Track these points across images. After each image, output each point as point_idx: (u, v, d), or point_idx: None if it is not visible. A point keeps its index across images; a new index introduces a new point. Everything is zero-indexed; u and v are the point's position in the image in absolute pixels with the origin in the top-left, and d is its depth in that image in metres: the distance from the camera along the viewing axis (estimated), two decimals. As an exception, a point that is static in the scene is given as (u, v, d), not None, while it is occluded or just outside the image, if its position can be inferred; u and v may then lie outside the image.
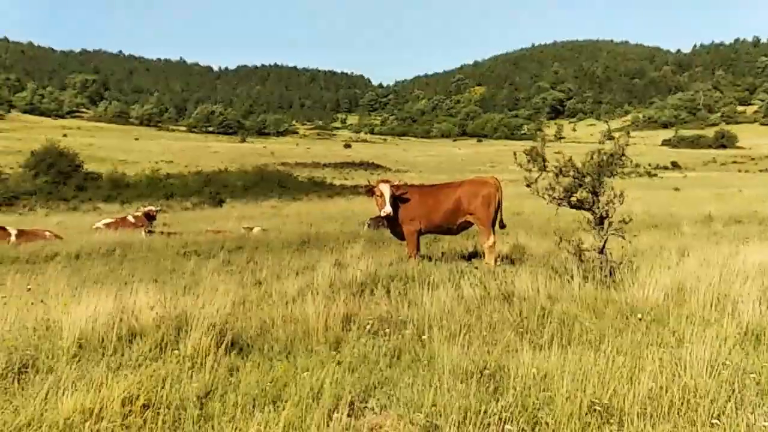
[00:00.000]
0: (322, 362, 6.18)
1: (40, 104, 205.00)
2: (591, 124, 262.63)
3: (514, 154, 11.52)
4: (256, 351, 6.70)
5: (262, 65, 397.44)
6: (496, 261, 13.30)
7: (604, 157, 10.91)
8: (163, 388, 5.49)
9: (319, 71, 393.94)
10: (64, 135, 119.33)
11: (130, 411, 5.15)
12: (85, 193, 53.61)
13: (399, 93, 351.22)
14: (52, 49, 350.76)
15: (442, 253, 14.87)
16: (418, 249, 14.03)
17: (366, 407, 5.32)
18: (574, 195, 11.04)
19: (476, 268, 11.25)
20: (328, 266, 11.30)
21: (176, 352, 6.35)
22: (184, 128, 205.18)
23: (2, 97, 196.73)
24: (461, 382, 5.65)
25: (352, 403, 5.30)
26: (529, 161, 11.13)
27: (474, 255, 14.70)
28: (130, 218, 27.23)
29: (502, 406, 5.12)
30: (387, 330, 7.33)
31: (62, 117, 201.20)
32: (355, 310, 8.22)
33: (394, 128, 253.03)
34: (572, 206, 11.15)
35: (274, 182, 63.72)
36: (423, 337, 7.03)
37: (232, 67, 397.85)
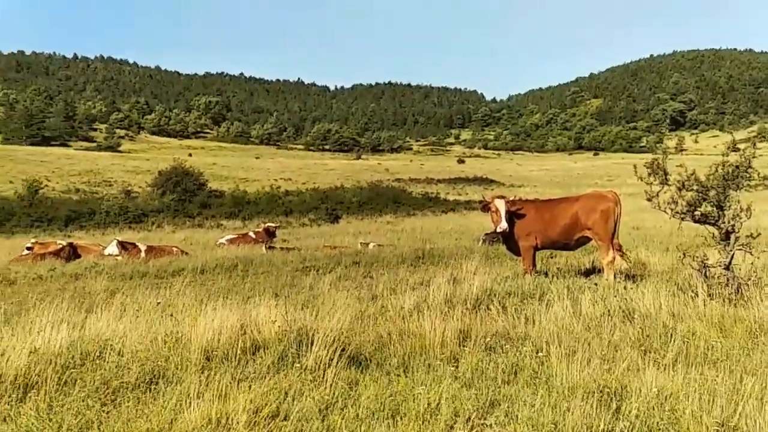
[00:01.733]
0: (439, 377, 6.20)
1: (167, 126, 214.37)
2: (714, 136, 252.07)
3: (634, 167, 11.24)
4: (374, 365, 6.79)
5: (377, 83, 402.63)
6: (615, 277, 12.96)
7: (729, 170, 10.47)
8: (285, 399, 5.65)
9: (433, 87, 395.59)
10: (189, 155, 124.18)
11: (254, 422, 5.32)
12: (208, 210, 55.57)
13: (512, 107, 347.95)
14: (178, 73, 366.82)
15: (559, 269, 14.62)
16: (534, 265, 13.84)
17: (484, 424, 5.30)
18: (698, 209, 10.65)
19: (595, 284, 11.02)
20: (443, 281, 11.31)
21: (297, 365, 6.51)
22: (301, 146, 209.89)
23: (132, 120, 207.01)
24: (581, 401, 5.55)
25: (470, 419, 5.30)
26: (649, 174, 10.83)
27: (592, 271, 14.38)
28: (252, 234, 28.08)
29: (624, 426, 5.01)
30: (504, 346, 7.29)
31: (187, 137, 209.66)
32: (472, 325, 8.19)
33: (508, 143, 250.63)
34: (696, 221, 10.76)
35: (388, 198, 64.24)
36: (541, 353, 6.95)
37: (347, 86, 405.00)
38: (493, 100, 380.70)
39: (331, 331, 7.10)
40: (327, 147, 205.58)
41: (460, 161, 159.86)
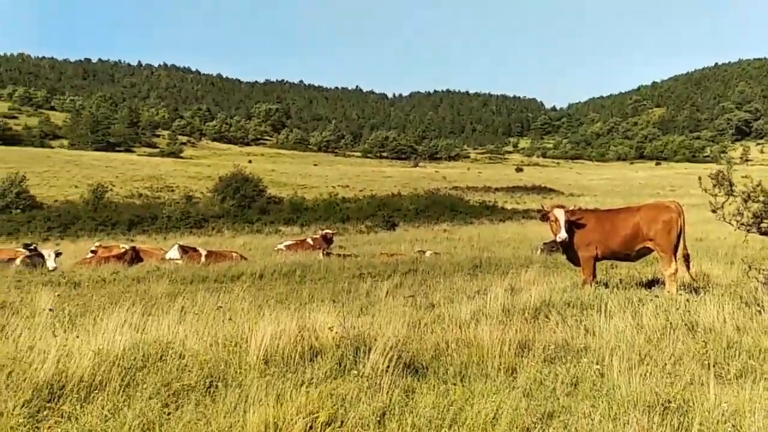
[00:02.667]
0: (497, 387, 6.15)
1: (228, 132, 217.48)
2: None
3: (699, 178, 11.02)
4: (431, 374, 6.77)
5: (435, 91, 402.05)
6: (677, 290, 12.68)
7: (799, 181, 10.19)
8: (342, 406, 5.67)
9: (491, 95, 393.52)
10: (249, 161, 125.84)
11: (311, 427, 5.35)
12: (267, 216, 56.22)
13: (572, 115, 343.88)
14: (239, 80, 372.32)
15: (620, 280, 14.38)
16: (594, 275, 13.63)
17: (543, 435, 5.24)
18: (765, 221, 10.38)
19: (656, 296, 10.81)
20: (500, 291, 11.23)
21: (354, 371, 6.52)
22: (359, 154, 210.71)
23: (194, 126, 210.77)
24: (642, 415, 5.45)
25: (528, 431, 5.24)
26: (714, 185, 10.61)
27: (653, 283, 14.10)
28: (309, 240, 28.33)
29: (687, 442, 4.89)
30: (563, 357, 7.20)
31: (247, 144, 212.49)
32: (530, 336, 8.12)
33: (568, 151, 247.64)
34: (762, 233, 10.50)
35: (445, 206, 64.12)
36: (601, 365, 6.84)
37: (405, 93, 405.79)
38: (553, 109, 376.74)
39: (388, 339, 7.10)
40: (385, 154, 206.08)
41: (519, 170, 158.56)
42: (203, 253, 23.23)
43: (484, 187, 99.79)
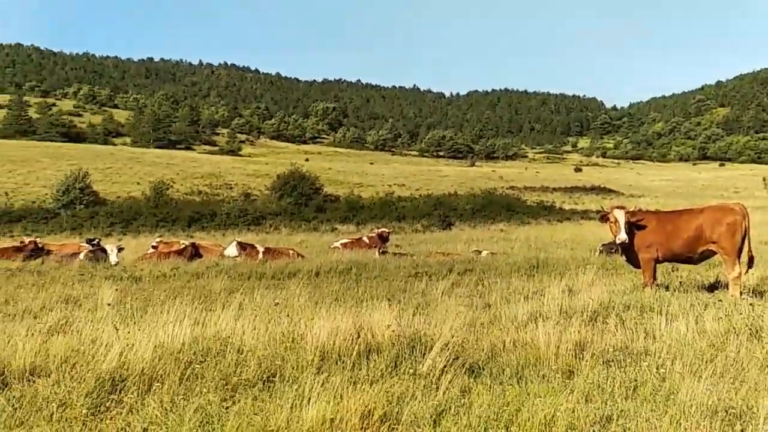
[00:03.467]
0: (554, 389, 6.09)
1: (286, 131, 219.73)
2: None
3: (764, 179, 10.73)
4: (487, 374, 6.73)
5: (493, 90, 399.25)
6: (741, 293, 12.37)
7: None
8: (398, 404, 5.68)
9: (550, 94, 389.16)
10: (306, 159, 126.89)
11: (367, 424, 5.37)
12: (324, 214, 56.59)
13: (633, 115, 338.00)
14: (297, 79, 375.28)
15: (681, 283, 14.07)
16: (654, 278, 13.38)
17: (601, 439, 5.17)
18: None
19: (719, 300, 10.56)
20: (558, 292, 11.12)
21: (411, 370, 6.53)
22: (416, 153, 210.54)
23: (253, 125, 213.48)
24: (704, 420, 5.33)
25: (586, 433, 5.18)
26: (781, 187, 10.30)
27: (716, 286, 13.78)
28: (365, 239, 28.38)
29: (750, 450, 4.77)
30: (622, 360, 7.08)
31: (305, 143, 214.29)
32: (588, 338, 8.01)
33: (628, 152, 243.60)
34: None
35: (502, 206, 63.62)
36: (661, 369, 6.71)
37: (463, 92, 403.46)
38: (613, 108, 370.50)
39: (444, 338, 7.09)
40: (441, 153, 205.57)
41: (577, 170, 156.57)
42: (261, 250, 23.47)
43: (541, 187, 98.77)
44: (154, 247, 25.55)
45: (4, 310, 11.29)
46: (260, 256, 22.63)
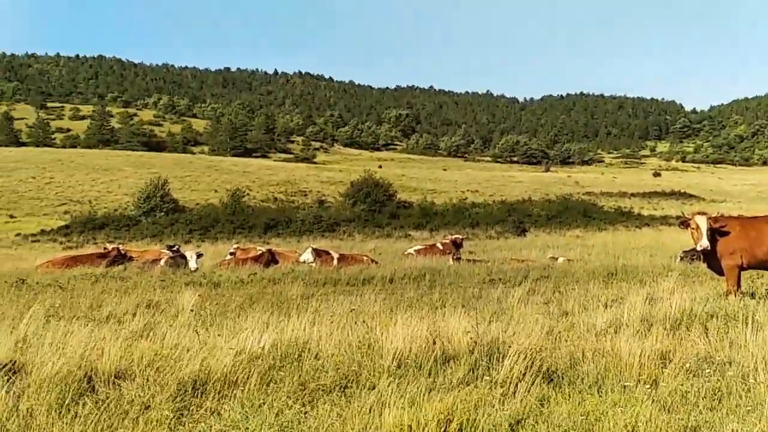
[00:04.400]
0: (635, 399, 5.96)
1: (359, 138, 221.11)
2: None
3: None
4: (566, 383, 6.62)
5: (567, 94, 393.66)
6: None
7: None
8: (475, 412, 5.64)
9: (627, 98, 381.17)
10: (380, 166, 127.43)
11: (445, 431, 5.36)
12: (397, 220, 56.81)
13: (714, 118, 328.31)
14: (371, 87, 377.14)
15: (767, 291, 13.62)
16: (738, 285, 12.97)
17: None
18: None
19: (809, 309, 10.16)
20: (638, 300, 10.87)
21: (488, 377, 6.48)
22: (489, 158, 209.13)
23: (327, 132, 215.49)
24: (794, 434, 5.14)
25: (669, 445, 5.05)
26: None
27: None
28: (439, 245, 28.39)
29: None
30: (706, 370, 6.88)
31: (378, 149, 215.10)
32: (670, 347, 7.81)
33: (709, 156, 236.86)
34: None
35: (578, 212, 62.74)
36: (748, 380, 6.50)
37: (537, 97, 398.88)
38: (694, 111, 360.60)
39: (521, 346, 7.02)
40: (515, 159, 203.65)
41: (656, 174, 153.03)
42: (335, 256, 23.71)
43: (619, 193, 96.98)
44: (231, 253, 26.09)
45: (89, 315, 11.66)
46: (335, 262, 22.85)
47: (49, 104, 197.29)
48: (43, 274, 20.63)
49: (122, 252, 23.84)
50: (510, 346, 6.97)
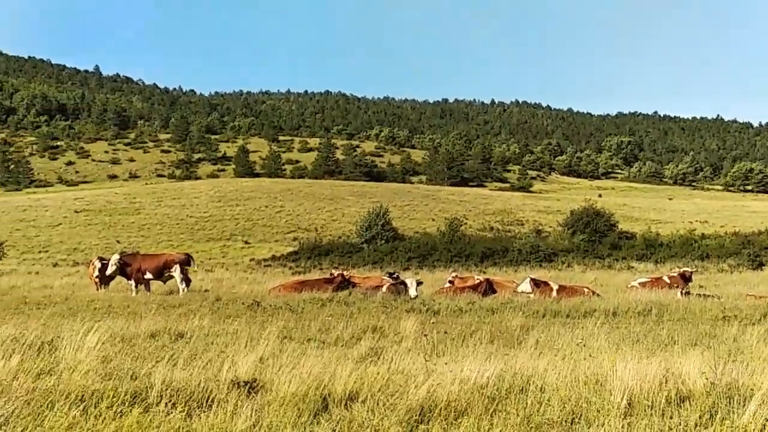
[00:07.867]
0: None
1: (578, 166, 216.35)
2: None
3: None
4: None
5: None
6: None
7: None
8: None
9: None
10: (599, 195, 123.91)
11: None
12: (618, 251, 54.78)
13: None
14: (590, 114, 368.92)
15: None
16: None
17: None
18: None
19: None
20: None
21: (728, 422, 6.06)
22: (720, 187, 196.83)
23: (544, 161, 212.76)
24: None
25: None
26: None
27: None
28: (665, 278, 27.02)
29: None
30: None
31: (597, 178, 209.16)
32: None
33: None
34: None
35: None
36: None
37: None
38: None
39: (765, 389, 6.49)
40: (749, 188, 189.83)
41: None
42: (554, 287, 23.23)
43: None
44: (450, 281, 26.38)
45: (319, 338, 12.22)
46: (554, 293, 22.38)
47: (280, 137, 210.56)
48: (275, 296, 21.93)
49: (347, 278, 24.83)
50: (752, 389, 6.47)
